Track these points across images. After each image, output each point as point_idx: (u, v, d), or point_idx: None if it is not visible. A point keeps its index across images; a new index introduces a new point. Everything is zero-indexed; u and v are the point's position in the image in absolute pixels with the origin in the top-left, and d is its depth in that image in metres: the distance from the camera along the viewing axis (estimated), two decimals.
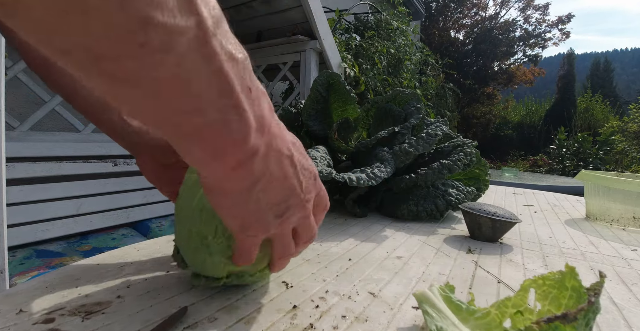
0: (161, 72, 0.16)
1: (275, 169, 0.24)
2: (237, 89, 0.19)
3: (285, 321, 0.28)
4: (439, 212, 0.65)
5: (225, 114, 0.19)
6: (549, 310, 0.24)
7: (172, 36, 0.15)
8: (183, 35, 0.15)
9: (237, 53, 0.19)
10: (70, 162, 1.41)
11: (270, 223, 0.26)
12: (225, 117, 0.19)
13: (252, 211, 0.24)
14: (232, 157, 0.21)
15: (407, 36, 3.32)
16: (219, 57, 0.17)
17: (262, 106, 0.22)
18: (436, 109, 4.78)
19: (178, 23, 0.15)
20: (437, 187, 0.69)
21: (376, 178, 0.58)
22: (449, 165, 0.65)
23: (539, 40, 11.64)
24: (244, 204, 0.24)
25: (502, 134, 10.50)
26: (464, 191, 0.69)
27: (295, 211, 0.27)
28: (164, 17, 0.14)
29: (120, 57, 0.15)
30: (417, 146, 0.65)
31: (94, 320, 0.27)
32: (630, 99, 14.47)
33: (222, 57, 0.18)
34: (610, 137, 6.40)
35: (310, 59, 2.04)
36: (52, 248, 1.34)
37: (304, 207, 0.27)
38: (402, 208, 0.65)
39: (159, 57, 0.15)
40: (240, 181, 0.22)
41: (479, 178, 0.81)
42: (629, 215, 0.69)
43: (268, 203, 0.24)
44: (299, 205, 0.27)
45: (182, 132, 0.19)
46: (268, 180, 0.23)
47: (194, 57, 0.16)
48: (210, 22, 0.17)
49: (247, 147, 0.21)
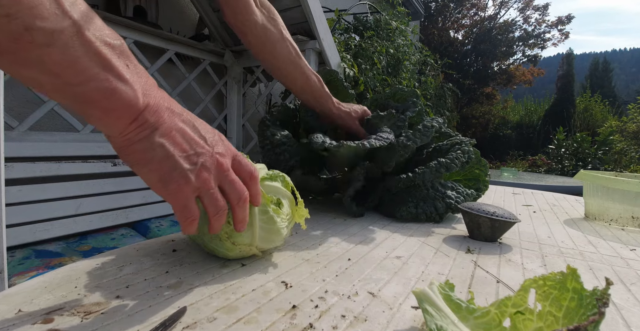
0: (51, 57, 0.23)
1: (169, 121, 0.30)
2: (116, 64, 0.26)
3: (285, 321, 0.28)
4: (438, 215, 0.64)
5: (111, 82, 0.26)
6: (550, 311, 0.24)
7: (53, 34, 0.23)
8: (63, 32, 0.23)
9: (111, 40, 0.27)
10: (69, 162, 1.41)
11: (187, 170, 0.30)
12: (112, 85, 0.26)
13: (162, 157, 0.29)
14: (126, 113, 0.27)
15: (406, 36, 3.32)
16: (94, 44, 0.25)
17: (144, 78, 0.29)
18: (435, 109, 4.78)
19: (54, 26, 0.23)
20: (437, 189, 0.68)
21: (385, 140, 0.59)
22: (446, 163, 0.64)
23: (538, 40, 11.64)
24: (151, 150, 0.28)
25: (501, 134, 10.51)
26: (463, 193, 0.68)
27: (206, 160, 0.31)
28: (42, 23, 0.22)
29: (17, 50, 0.22)
30: (414, 138, 0.65)
31: (94, 320, 0.27)
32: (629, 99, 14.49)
33: (97, 43, 0.25)
34: (609, 137, 6.40)
35: (309, 58, 2.04)
36: (51, 248, 1.34)
37: (213, 157, 0.32)
38: (402, 210, 0.65)
39: (46, 49, 0.23)
40: (140, 131, 0.28)
41: (478, 178, 0.80)
42: (627, 215, 0.69)
43: (175, 149, 0.29)
44: (208, 154, 0.31)
45: (80, 99, 0.25)
46: (166, 129, 0.29)
47: (75, 45, 0.24)
48: (82, 21, 0.24)
49: (137, 104, 0.27)
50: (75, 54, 0.24)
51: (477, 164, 0.78)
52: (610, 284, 0.22)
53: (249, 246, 0.38)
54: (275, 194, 0.40)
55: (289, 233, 0.43)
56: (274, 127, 0.71)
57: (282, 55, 0.64)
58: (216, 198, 0.32)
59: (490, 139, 10.47)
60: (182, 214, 0.31)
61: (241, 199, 0.34)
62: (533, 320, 0.24)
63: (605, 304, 0.21)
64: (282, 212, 0.40)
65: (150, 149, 0.28)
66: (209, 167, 0.31)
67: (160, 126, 0.29)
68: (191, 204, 0.30)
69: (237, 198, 0.33)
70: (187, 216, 0.31)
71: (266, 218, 0.38)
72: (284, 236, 0.42)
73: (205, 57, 2.20)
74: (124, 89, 0.26)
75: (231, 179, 0.33)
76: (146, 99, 0.28)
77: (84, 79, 0.24)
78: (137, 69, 0.28)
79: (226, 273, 0.37)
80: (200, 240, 0.40)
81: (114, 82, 0.26)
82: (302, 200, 0.43)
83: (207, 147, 0.31)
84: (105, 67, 0.25)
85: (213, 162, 0.32)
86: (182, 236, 0.50)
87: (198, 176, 0.30)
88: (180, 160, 0.29)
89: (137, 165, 0.29)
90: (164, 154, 0.29)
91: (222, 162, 0.32)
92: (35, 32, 0.22)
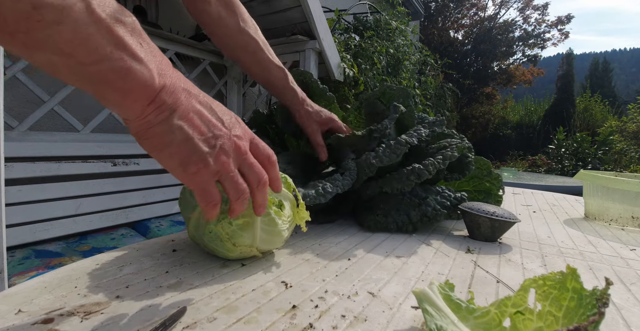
0: (62, 36, 0.22)
1: (186, 102, 0.29)
2: (129, 43, 0.25)
3: (285, 321, 0.28)
4: (411, 224, 0.55)
5: (125, 61, 0.25)
6: (549, 310, 0.24)
7: (62, 11, 0.22)
8: (72, 9, 0.22)
9: (123, 17, 0.25)
10: (69, 162, 1.41)
11: (206, 153, 0.29)
12: (127, 64, 0.25)
13: (182, 140, 0.28)
14: (143, 94, 0.26)
15: (406, 36, 3.32)
16: (105, 21, 0.24)
17: (159, 56, 0.28)
18: (435, 109, 4.79)
19: (63, 2, 0.22)
20: (416, 194, 0.58)
21: (325, 195, 0.50)
22: (418, 170, 0.55)
23: (538, 40, 11.64)
24: (170, 133, 0.28)
25: (501, 134, 10.51)
26: (449, 197, 0.58)
27: (224, 142, 0.30)
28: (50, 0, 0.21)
29: (28, 30, 0.21)
30: (382, 156, 0.56)
31: (93, 320, 0.27)
32: (629, 99, 14.48)
33: (108, 20, 0.24)
34: (609, 137, 6.41)
35: (309, 59, 2.04)
36: (51, 248, 1.34)
37: (231, 140, 0.31)
38: (369, 219, 0.57)
39: (56, 27, 0.22)
40: (158, 112, 0.27)
41: (489, 192, 0.69)
42: (627, 215, 0.69)
43: (194, 132, 0.28)
44: (226, 137, 0.30)
45: (95, 79, 0.24)
46: (184, 111, 0.28)
47: (86, 23, 0.23)
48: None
49: (154, 84, 0.26)
50: (86, 32, 0.23)
51: (488, 176, 0.69)
52: (610, 284, 0.22)
53: (250, 248, 0.38)
54: (276, 196, 0.40)
55: (289, 234, 0.43)
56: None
57: (238, 46, 0.62)
58: (237, 181, 0.31)
59: (490, 139, 10.47)
60: (203, 198, 0.30)
61: (260, 183, 0.33)
62: (533, 319, 0.24)
63: (605, 304, 0.21)
64: (283, 214, 0.40)
65: (169, 132, 0.27)
66: (228, 150, 0.30)
67: (178, 108, 0.28)
68: (211, 188, 0.30)
69: (257, 181, 0.33)
70: (209, 200, 0.30)
71: (267, 220, 0.38)
72: (285, 238, 0.42)
73: (205, 57, 2.20)
74: (139, 68, 0.25)
75: (250, 162, 0.32)
76: (162, 79, 0.27)
77: (97, 58, 0.24)
78: (150, 47, 0.27)
79: (226, 273, 0.37)
80: (200, 240, 0.40)
81: (129, 61, 0.25)
82: (303, 202, 0.43)
83: (225, 130, 0.31)
84: (118, 46, 0.24)
85: (231, 145, 0.31)
86: (182, 236, 0.50)
87: (217, 159, 0.29)
88: (200, 143, 0.28)
89: (156, 150, 0.28)
90: (183, 137, 0.28)
91: (240, 145, 0.31)
92: (44, 9, 0.21)
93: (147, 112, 0.27)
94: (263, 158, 0.34)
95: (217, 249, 0.38)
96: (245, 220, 0.37)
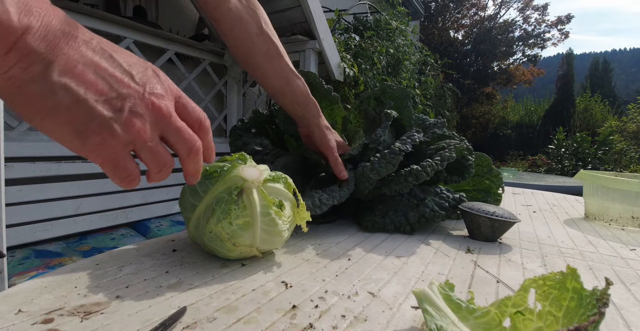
0: None
1: (70, 51, 0.21)
2: None
3: (285, 321, 0.28)
4: (409, 225, 0.56)
5: None
6: (549, 310, 0.24)
7: None
8: None
9: None
10: (69, 162, 1.41)
11: (109, 119, 0.22)
12: None
13: (70, 103, 0.21)
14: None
15: (406, 36, 3.32)
16: None
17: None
18: (435, 109, 4.79)
19: None
20: (415, 195, 0.59)
21: (321, 206, 0.50)
22: (416, 172, 0.55)
23: (538, 40, 11.65)
24: (51, 95, 0.21)
25: (501, 134, 10.51)
26: (448, 198, 0.59)
27: (136, 103, 0.24)
28: None
29: None
30: (379, 168, 0.55)
31: (93, 320, 0.27)
32: (629, 99, 14.49)
33: None
34: (609, 137, 6.41)
35: (309, 59, 2.04)
36: (51, 248, 1.34)
37: (146, 99, 0.24)
38: (367, 219, 0.57)
39: None
40: (25, 65, 0.20)
41: (489, 191, 0.69)
42: (627, 215, 0.69)
43: (88, 91, 0.22)
44: (137, 96, 0.24)
45: None
46: (67, 63, 0.21)
47: None
48: None
49: (10, 24, 0.19)
50: None
51: (488, 174, 0.68)
52: (610, 284, 0.22)
53: (250, 247, 0.38)
54: (277, 196, 0.40)
55: (290, 235, 0.43)
56: (247, 137, 0.65)
57: (258, 50, 0.55)
58: (156, 151, 0.26)
59: (490, 139, 10.48)
60: (115, 174, 0.25)
61: (192, 151, 0.27)
62: (533, 319, 0.24)
63: (605, 304, 0.21)
64: (283, 214, 0.40)
65: (50, 94, 0.21)
66: (142, 113, 0.24)
67: (57, 58, 0.21)
68: (124, 162, 0.24)
69: (187, 149, 0.27)
70: (122, 176, 0.25)
71: (268, 220, 0.38)
72: (285, 238, 0.42)
73: (205, 57, 2.20)
74: None
75: (176, 126, 0.26)
76: (27, 17, 0.20)
77: None
78: None
79: (226, 273, 0.37)
80: (200, 240, 0.40)
81: None
82: (304, 203, 0.43)
83: (136, 87, 0.24)
84: None
85: (147, 106, 0.24)
86: (182, 236, 0.50)
87: (127, 125, 0.23)
88: (98, 106, 0.22)
89: (39, 119, 0.21)
90: (71, 99, 0.21)
91: (160, 106, 0.25)
92: None
93: (8, 64, 0.20)
94: (193, 122, 0.28)
95: (217, 249, 0.38)
96: (245, 220, 0.37)
